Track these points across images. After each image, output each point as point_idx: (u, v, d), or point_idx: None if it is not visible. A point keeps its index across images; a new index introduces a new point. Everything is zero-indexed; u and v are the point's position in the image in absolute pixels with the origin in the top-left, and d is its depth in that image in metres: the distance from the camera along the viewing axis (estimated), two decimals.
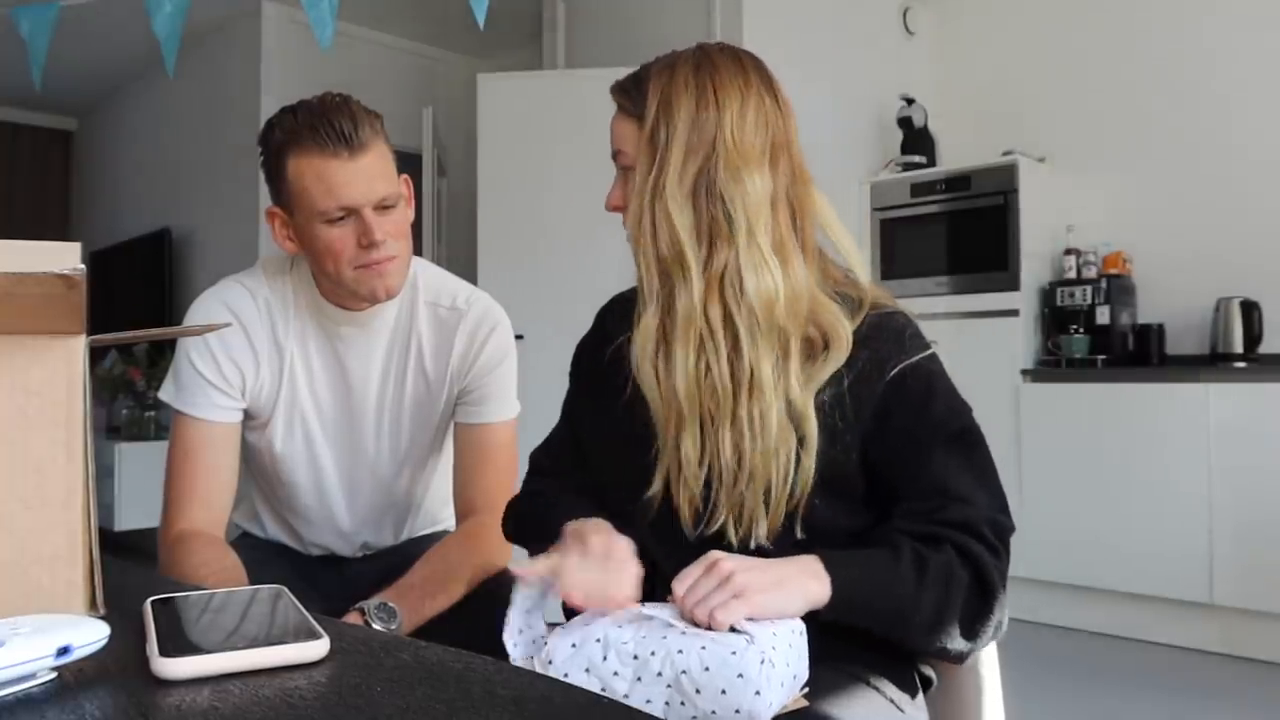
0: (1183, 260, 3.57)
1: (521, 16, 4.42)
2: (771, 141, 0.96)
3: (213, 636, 0.67)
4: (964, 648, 0.89)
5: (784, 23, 3.59)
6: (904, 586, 0.87)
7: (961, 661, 0.93)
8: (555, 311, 3.01)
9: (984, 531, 0.91)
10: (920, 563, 0.88)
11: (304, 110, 1.23)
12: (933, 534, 0.90)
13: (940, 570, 0.88)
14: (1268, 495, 2.90)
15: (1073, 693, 2.70)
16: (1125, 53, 3.75)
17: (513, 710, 0.54)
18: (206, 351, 1.31)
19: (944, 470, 0.94)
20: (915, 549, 0.89)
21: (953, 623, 0.88)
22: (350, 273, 1.26)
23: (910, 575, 0.88)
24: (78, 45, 4.59)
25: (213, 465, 1.32)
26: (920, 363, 0.97)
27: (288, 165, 1.23)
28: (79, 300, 0.67)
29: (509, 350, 1.41)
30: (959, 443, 0.96)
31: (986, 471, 0.96)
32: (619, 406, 1.01)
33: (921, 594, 0.87)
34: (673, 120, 0.95)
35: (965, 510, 0.92)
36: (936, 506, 0.92)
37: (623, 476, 1.02)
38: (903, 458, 0.95)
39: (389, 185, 1.25)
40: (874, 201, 3.87)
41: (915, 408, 0.95)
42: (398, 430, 1.41)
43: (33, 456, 0.67)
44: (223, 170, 4.67)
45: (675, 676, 0.78)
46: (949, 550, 0.89)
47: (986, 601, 0.89)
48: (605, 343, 1.08)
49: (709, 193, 0.94)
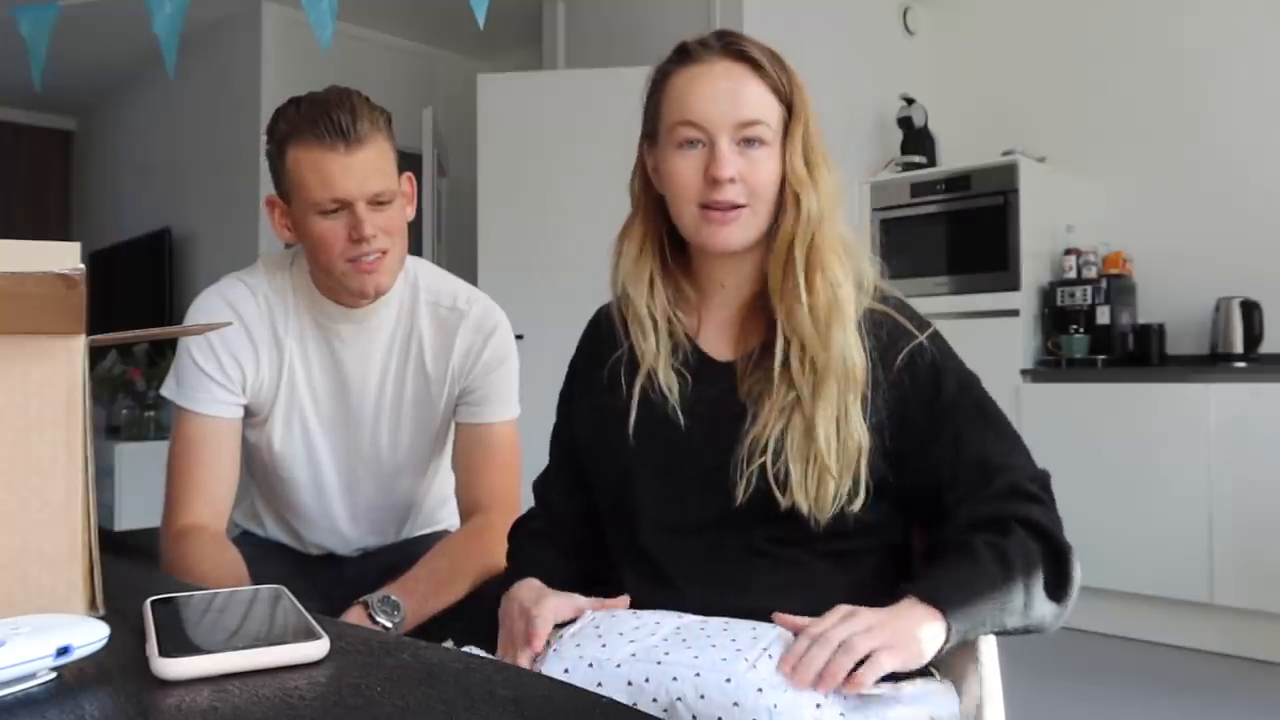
0: (1183, 260, 3.57)
1: (521, 16, 4.42)
2: None
3: (213, 637, 0.67)
4: (1058, 612, 0.90)
5: (784, 22, 3.59)
6: (993, 584, 0.87)
7: (1058, 626, 0.93)
8: (555, 312, 3.00)
9: (1034, 491, 0.92)
10: (1000, 554, 0.88)
11: (307, 103, 1.25)
12: (995, 516, 0.90)
13: (1019, 553, 0.88)
14: (1268, 495, 2.90)
15: (1073, 693, 2.70)
16: (1125, 53, 3.75)
17: (513, 710, 0.54)
18: (208, 347, 1.32)
19: (977, 445, 0.95)
20: (988, 542, 0.89)
21: (1042, 597, 0.88)
22: (341, 265, 1.27)
23: (995, 570, 0.87)
24: (78, 45, 4.59)
25: (214, 460, 1.33)
26: (923, 345, 0.98)
27: (288, 155, 1.25)
28: (79, 300, 0.67)
29: (510, 351, 1.42)
30: (980, 412, 0.97)
31: (1009, 431, 0.98)
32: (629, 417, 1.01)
33: (1011, 584, 0.87)
34: (802, 103, 0.99)
35: (1011, 478, 0.93)
36: (983, 484, 0.93)
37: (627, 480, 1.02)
38: (931, 443, 0.95)
39: (385, 181, 1.25)
40: (874, 201, 3.86)
41: (928, 390, 0.96)
42: (396, 429, 1.41)
43: (33, 456, 0.67)
44: (223, 170, 4.66)
45: (670, 703, 0.77)
46: (1016, 529, 0.89)
47: (1062, 563, 0.90)
48: (600, 363, 1.07)
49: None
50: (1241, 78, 3.48)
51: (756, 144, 0.97)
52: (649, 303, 1.03)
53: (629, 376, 1.03)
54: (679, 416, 0.99)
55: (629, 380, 1.03)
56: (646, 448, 1.00)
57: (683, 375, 1.02)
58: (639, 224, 1.05)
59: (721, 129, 0.96)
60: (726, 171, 0.95)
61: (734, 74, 0.97)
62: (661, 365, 1.01)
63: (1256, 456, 2.92)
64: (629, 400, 1.01)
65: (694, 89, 0.97)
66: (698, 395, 1.01)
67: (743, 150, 0.96)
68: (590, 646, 0.83)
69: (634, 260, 1.04)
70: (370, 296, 1.31)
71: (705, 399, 1.00)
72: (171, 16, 1.96)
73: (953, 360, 1.00)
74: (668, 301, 1.04)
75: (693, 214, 0.98)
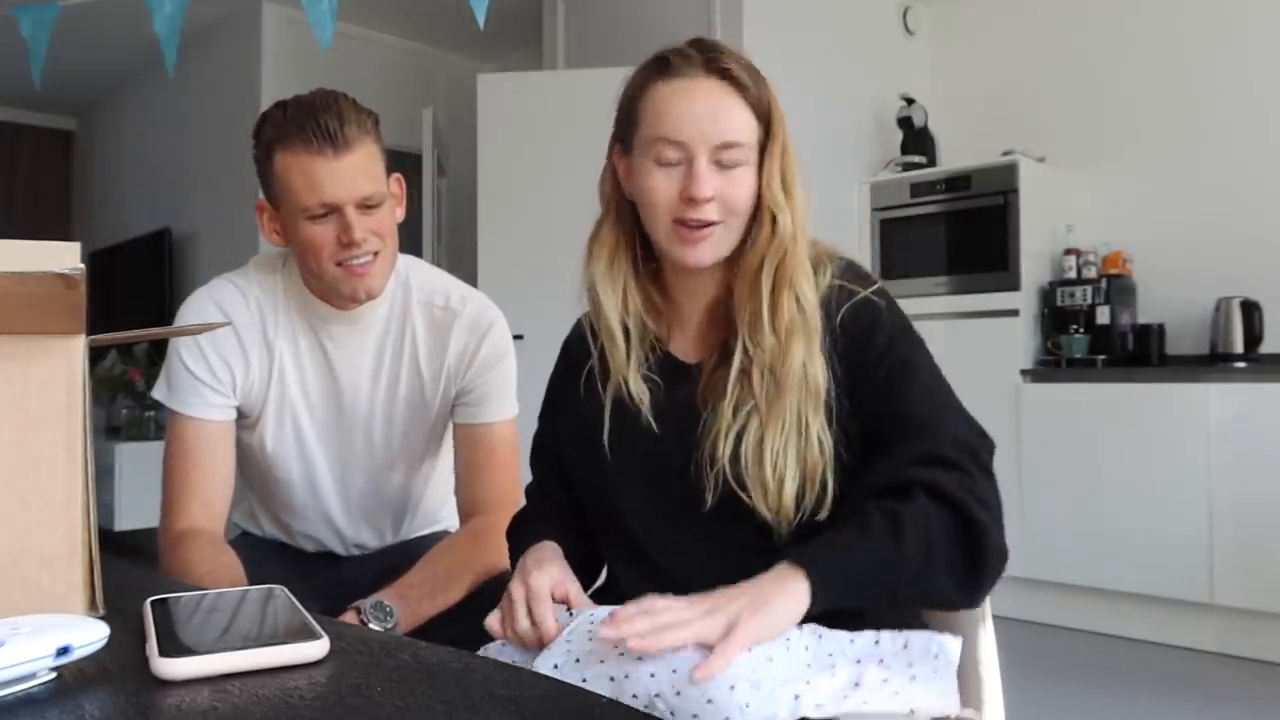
0: (1183, 260, 3.57)
1: (521, 16, 4.42)
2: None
3: (212, 637, 0.67)
4: (969, 587, 0.86)
5: (784, 22, 3.59)
6: (878, 550, 0.83)
7: (975, 605, 0.89)
8: (555, 312, 2.99)
9: (953, 456, 0.88)
10: (892, 519, 0.84)
11: (294, 107, 1.24)
12: (899, 482, 0.87)
13: (916, 520, 0.84)
14: (1268, 495, 2.90)
15: (1073, 693, 2.70)
16: (1125, 53, 3.75)
17: (513, 710, 0.54)
18: (197, 350, 1.32)
19: (900, 402, 0.92)
20: (883, 509, 0.85)
21: (946, 568, 0.85)
22: (331, 270, 1.27)
23: (883, 536, 0.83)
24: (78, 45, 4.59)
25: (209, 463, 1.33)
26: (868, 299, 0.97)
27: (275, 161, 1.24)
28: (79, 300, 0.67)
29: (506, 350, 1.41)
30: (906, 368, 0.93)
31: (939, 392, 0.94)
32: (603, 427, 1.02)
33: (902, 552, 0.83)
34: (780, 118, 0.98)
35: (929, 441, 0.89)
36: (898, 444, 0.90)
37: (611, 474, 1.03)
38: (867, 398, 0.94)
39: (373, 184, 1.25)
40: (874, 201, 3.87)
41: (863, 341, 0.95)
42: (390, 428, 1.41)
43: (33, 456, 0.67)
44: (223, 170, 4.67)
45: (650, 700, 0.77)
46: (919, 495, 0.85)
47: (974, 537, 0.85)
48: (576, 373, 1.08)
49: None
50: (1242, 78, 3.48)
51: (734, 163, 0.96)
52: (621, 314, 1.03)
53: (602, 385, 1.04)
54: (651, 424, 1.00)
55: (602, 389, 1.03)
56: (622, 457, 1.01)
57: (654, 381, 1.02)
58: (609, 229, 1.04)
59: (701, 148, 0.95)
60: (705, 192, 0.94)
61: (715, 94, 0.95)
62: (632, 374, 1.02)
63: (1256, 456, 2.92)
64: (602, 410, 1.02)
65: (674, 106, 0.96)
66: (670, 399, 1.01)
67: (720, 168, 0.96)
68: (579, 643, 0.84)
69: (606, 268, 1.04)
70: (361, 300, 1.31)
71: (675, 401, 1.01)
72: (171, 16, 1.96)
73: (893, 316, 0.97)
74: (639, 308, 1.04)
75: (666, 228, 0.98)
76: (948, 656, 0.83)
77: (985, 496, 0.87)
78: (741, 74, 0.96)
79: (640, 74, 1.00)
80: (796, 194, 0.98)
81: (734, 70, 0.96)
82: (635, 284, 1.04)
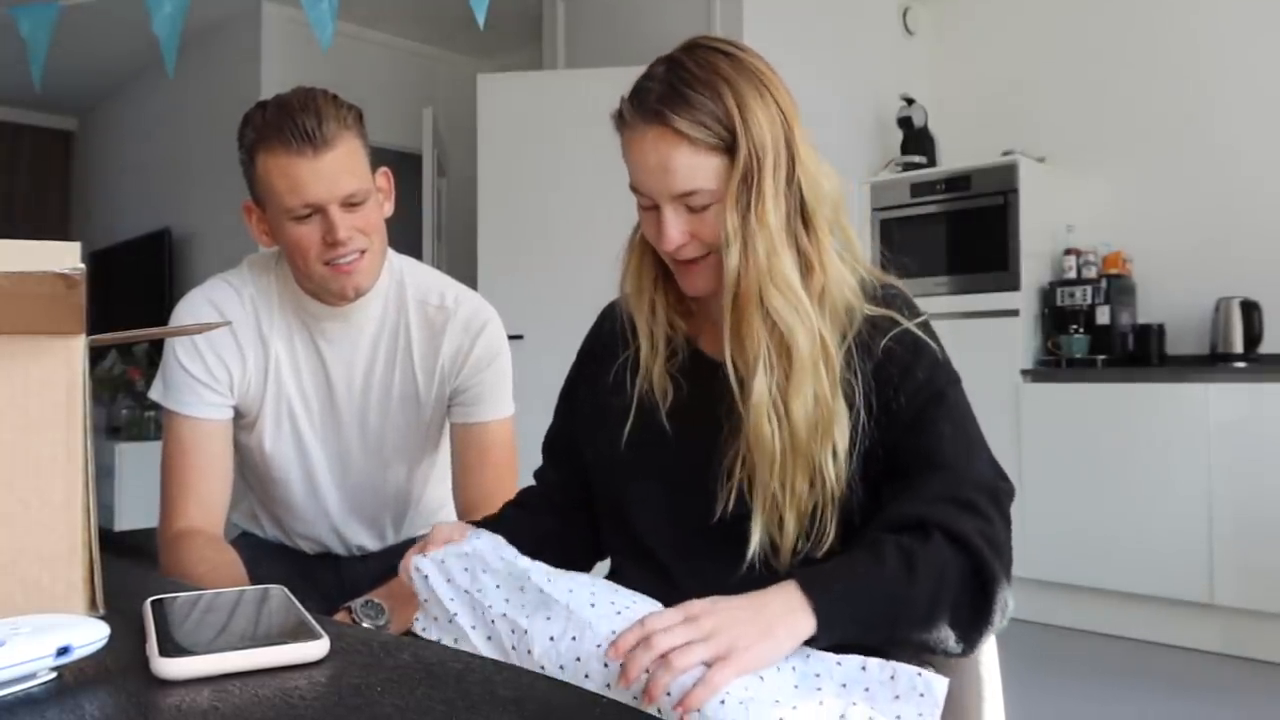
0: (1183, 260, 3.57)
1: (521, 16, 4.42)
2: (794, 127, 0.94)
3: (212, 637, 0.67)
4: (967, 639, 0.83)
5: (784, 22, 3.59)
6: (891, 588, 0.82)
7: (968, 655, 0.87)
8: (555, 312, 3.00)
9: (975, 500, 0.86)
10: (907, 558, 0.82)
11: (273, 108, 1.24)
12: (918, 519, 0.85)
13: (930, 562, 0.82)
14: (1268, 495, 2.90)
15: (1073, 693, 2.70)
16: (1125, 53, 3.75)
17: (513, 710, 0.54)
18: (194, 350, 1.32)
19: (933, 438, 0.90)
20: (899, 544, 0.83)
21: (951, 618, 0.83)
22: (319, 269, 1.26)
23: (897, 574, 0.82)
24: (78, 45, 4.59)
25: (207, 463, 1.33)
26: (906, 331, 0.95)
27: (258, 163, 1.24)
28: (79, 300, 0.67)
29: (501, 349, 1.41)
30: (940, 403, 0.91)
31: (970, 434, 0.92)
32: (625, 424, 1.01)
33: (913, 593, 0.81)
34: (757, 137, 0.90)
35: (952, 482, 0.87)
36: (921, 483, 0.88)
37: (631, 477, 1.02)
38: (898, 429, 0.92)
39: (357, 181, 1.25)
40: (874, 201, 3.87)
41: (899, 372, 0.93)
42: (384, 425, 1.41)
43: (33, 456, 0.67)
44: (223, 170, 4.66)
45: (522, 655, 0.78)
46: (936, 536, 0.84)
47: (984, 585, 0.83)
48: (610, 359, 1.07)
49: (802, 214, 0.94)
50: (1242, 78, 3.48)
51: (701, 205, 0.92)
52: (649, 319, 1.03)
53: (632, 380, 1.03)
54: (669, 425, 1.00)
55: (631, 385, 1.03)
56: (639, 452, 1.01)
57: (678, 380, 1.01)
58: (641, 235, 1.04)
59: (663, 199, 0.92)
60: (669, 245, 0.93)
61: (662, 146, 0.90)
62: (657, 370, 1.01)
63: (1256, 456, 2.92)
64: (628, 407, 1.02)
65: (631, 157, 0.94)
66: (694, 399, 1.00)
67: (690, 210, 0.93)
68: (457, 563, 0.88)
69: (635, 272, 1.04)
70: (350, 297, 1.31)
71: (699, 402, 1.00)
72: (171, 16, 1.96)
73: (934, 350, 0.96)
74: (668, 306, 1.03)
75: (667, 261, 0.99)
76: (934, 697, 0.81)
77: (1001, 546, 0.86)
78: (683, 120, 0.89)
79: (613, 117, 0.97)
80: (768, 219, 0.91)
81: (674, 120, 0.89)
82: (665, 284, 1.03)
